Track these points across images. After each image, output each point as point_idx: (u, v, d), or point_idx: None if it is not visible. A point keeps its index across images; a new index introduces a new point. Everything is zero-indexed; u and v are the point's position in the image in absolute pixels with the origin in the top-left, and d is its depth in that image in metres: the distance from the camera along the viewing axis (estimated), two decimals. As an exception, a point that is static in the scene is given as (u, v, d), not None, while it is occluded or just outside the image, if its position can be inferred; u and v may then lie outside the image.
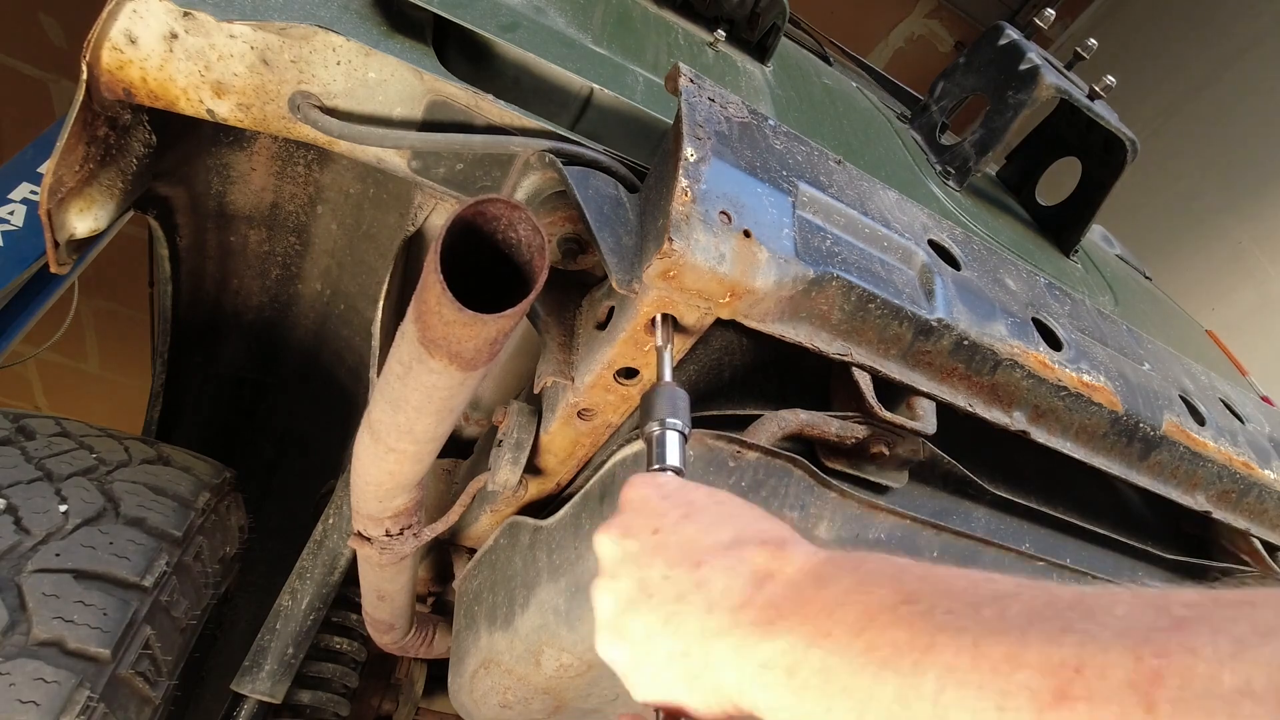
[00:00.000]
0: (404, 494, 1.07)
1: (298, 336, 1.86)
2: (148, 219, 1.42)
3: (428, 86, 0.91)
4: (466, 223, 0.66)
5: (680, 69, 0.83)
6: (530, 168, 0.94)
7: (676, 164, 0.74)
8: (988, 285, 0.96)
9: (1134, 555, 1.21)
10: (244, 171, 1.40)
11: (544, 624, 1.04)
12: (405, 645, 1.58)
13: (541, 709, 1.22)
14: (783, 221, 0.79)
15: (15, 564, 1.12)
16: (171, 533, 1.29)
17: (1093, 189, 1.78)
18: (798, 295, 0.79)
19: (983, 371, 0.92)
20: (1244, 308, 4.22)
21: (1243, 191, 4.44)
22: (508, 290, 0.69)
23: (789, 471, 0.85)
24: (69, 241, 1.03)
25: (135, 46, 0.86)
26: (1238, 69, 4.69)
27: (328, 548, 1.59)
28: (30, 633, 1.07)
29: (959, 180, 1.65)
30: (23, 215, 2.09)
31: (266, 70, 0.88)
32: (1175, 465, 1.10)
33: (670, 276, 0.73)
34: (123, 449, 1.42)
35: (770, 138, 0.87)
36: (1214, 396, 1.24)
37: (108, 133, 0.97)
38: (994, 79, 1.63)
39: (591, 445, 1.03)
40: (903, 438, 0.90)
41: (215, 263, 1.65)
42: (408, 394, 0.81)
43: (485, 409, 1.38)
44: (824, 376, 0.95)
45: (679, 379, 0.97)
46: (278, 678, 1.54)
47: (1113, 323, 1.17)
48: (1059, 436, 1.01)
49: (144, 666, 1.19)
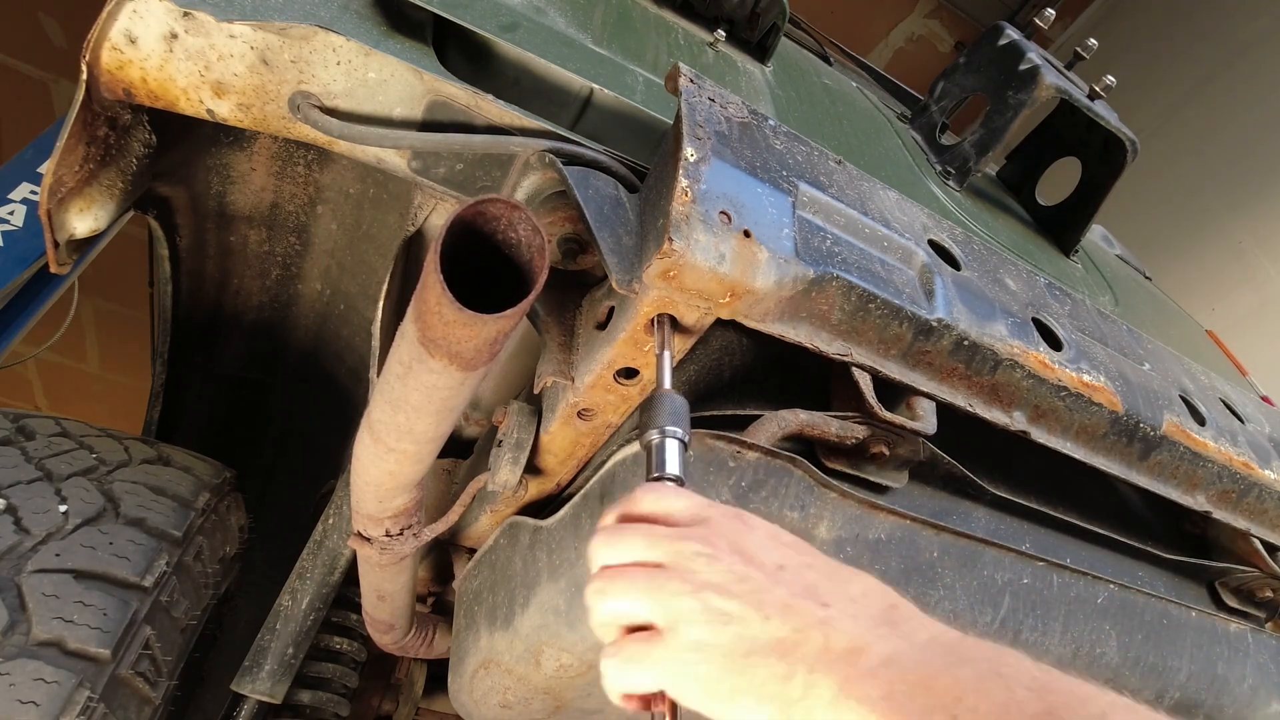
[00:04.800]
0: (404, 494, 1.06)
1: (298, 336, 1.86)
2: (148, 219, 1.42)
3: (428, 86, 0.91)
4: (466, 223, 0.66)
5: (680, 69, 0.83)
6: (530, 168, 0.94)
7: (676, 164, 0.74)
8: (988, 285, 0.96)
9: (1134, 555, 1.21)
10: (244, 171, 1.40)
11: (544, 624, 1.04)
12: (405, 645, 1.58)
13: (541, 709, 1.22)
14: (783, 221, 0.79)
15: (15, 564, 1.12)
16: (171, 533, 1.29)
17: (1093, 189, 1.78)
18: (798, 295, 0.79)
19: (983, 371, 0.92)
20: (1244, 308, 4.22)
21: (1243, 191, 4.43)
22: (508, 290, 0.69)
23: (789, 471, 0.85)
24: (69, 241, 1.03)
25: (135, 46, 0.85)
26: (1238, 69, 4.69)
27: (328, 548, 1.59)
28: (30, 633, 1.07)
29: (959, 180, 1.65)
30: (23, 215, 2.09)
31: (266, 70, 0.88)
32: (1175, 465, 1.10)
33: (670, 276, 0.73)
34: (123, 449, 1.42)
35: (770, 138, 0.87)
36: (1214, 396, 1.24)
37: (108, 133, 0.97)
38: (994, 79, 1.63)
39: (591, 445, 1.03)
40: (903, 438, 0.90)
41: (215, 263, 1.65)
42: (408, 394, 0.81)
43: (485, 409, 1.38)
44: (824, 376, 0.95)
45: (679, 379, 0.97)
46: (278, 678, 1.54)
47: (1113, 323, 1.17)
48: (1059, 436, 1.01)
49: (144, 666, 1.19)
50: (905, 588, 0.93)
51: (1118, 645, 1.09)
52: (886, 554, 0.91)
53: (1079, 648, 1.06)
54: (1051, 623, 1.03)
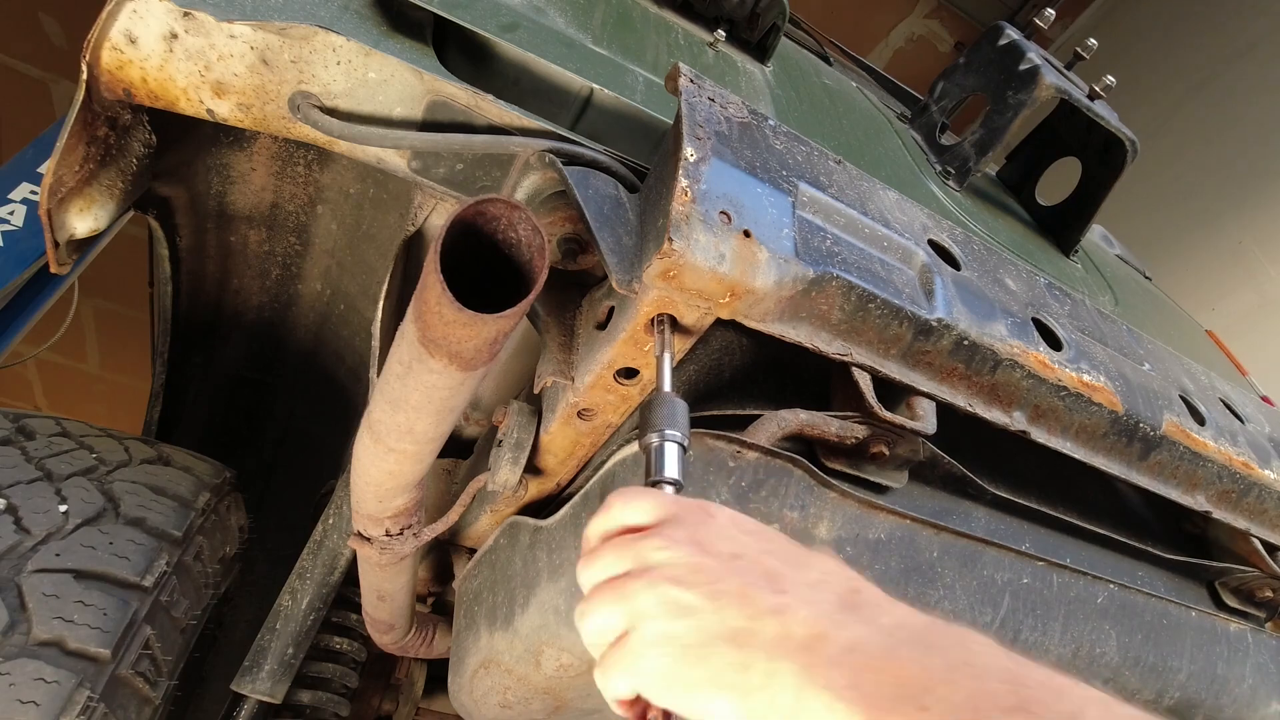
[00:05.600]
0: (404, 494, 1.07)
1: (298, 336, 1.86)
2: (148, 219, 1.42)
3: (428, 86, 0.91)
4: (466, 223, 0.66)
5: (680, 69, 0.83)
6: (530, 168, 0.94)
7: (676, 164, 0.74)
8: (988, 285, 0.96)
9: (1134, 555, 1.21)
10: (244, 171, 1.40)
11: (544, 624, 1.04)
12: (405, 645, 1.58)
13: (541, 709, 1.22)
14: (783, 221, 0.79)
15: (15, 564, 1.12)
16: (171, 533, 1.29)
17: (1093, 189, 1.78)
18: (798, 295, 0.79)
19: (983, 371, 0.92)
20: (1244, 308, 4.22)
21: (1243, 191, 4.43)
22: (508, 290, 0.69)
23: (789, 471, 0.85)
24: (69, 241, 1.03)
25: (135, 46, 0.85)
26: (1238, 69, 4.69)
27: (328, 548, 1.59)
28: (30, 633, 1.07)
29: (959, 180, 1.65)
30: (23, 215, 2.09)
31: (266, 70, 0.88)
32: (1175, 465, 1.10)
33: (670, 276, 0.73)
34: (123, 449, 1.42)
35: (770, 138, 0.87)
36: (1214, 396, 1.24)
37: (108, 133, 0.97)
38: (994, 79, 1.63)
39: (591, 445, 1.03)
40: (903, 438, 0.90)
41: (215, 263, 1.65)
42: (408, 394, 0.81)
43: (485, 409, 1.38)
44: (824, 376, 0.95)
45: (679, 379, 0.97)
46: (278, 678, 1.54)
47: (1113, 323, 1.17)
48: (1059, 436, 1.01)
49: (144, 666, 1.19)
50: (905, 588, 0.93)
51: (1118, 645, 1.09)
52: (886, 554, 0.91)
53: (1079, 648, 1.06)
54: (1051, 623, 1.03)
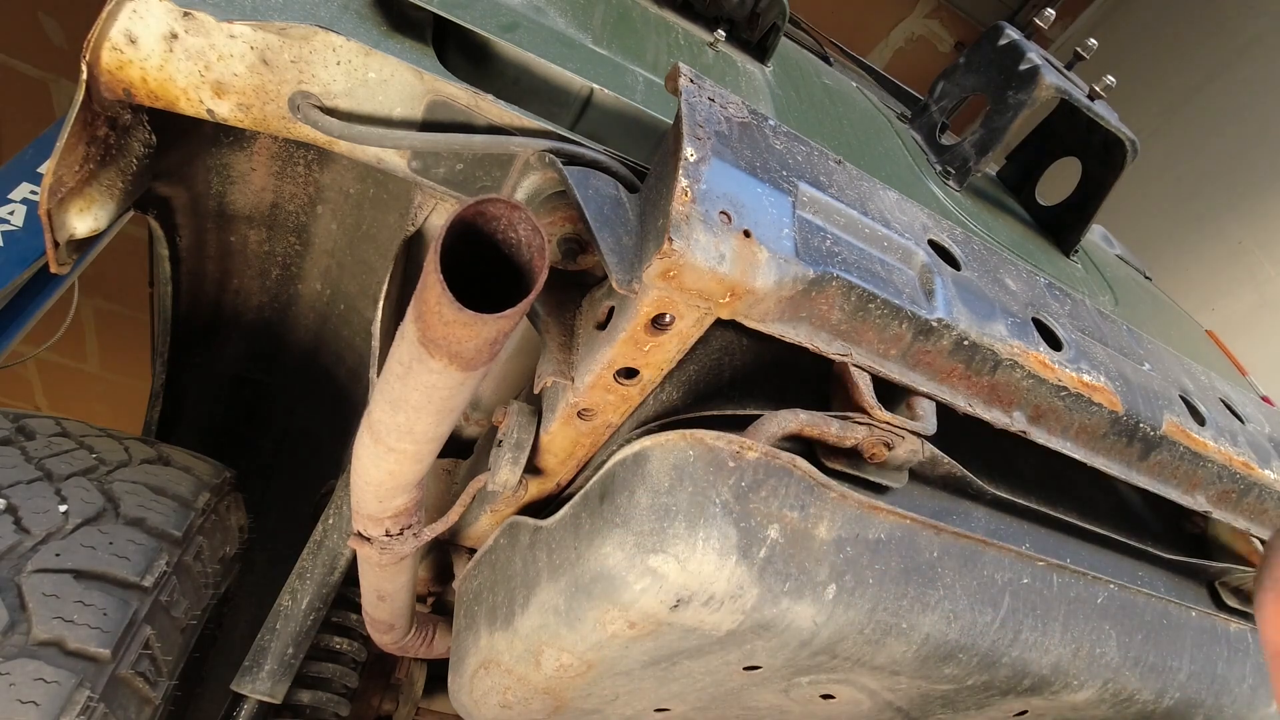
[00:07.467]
0: (404, 494, 1.06)
1: (298, 336, 1.86)
2: (148, 219, 1.42)
3: (428, 86, 0.91)
4: (466, 223, 0.66)
5: (680, 69, 0.83)
6: (530, 168, 0.94)
7: (676, 164, 0.74)
8: (988, 285, 0.96)
9: (1134, 555, 1.21)
10: (244, 172, 1.40)
11: (544, 624, 1.04)
12: (405, 645, 1.58)
13: (541, 709, 1.22)
14: (783, 221, 0.79)
15: (15, 564, 1.12)
16: (171, 533, 1.29)
17: (1093, 189, 1.78)
18: (798, 295, 0.79)
19: (983, 371, 0.92)
20: (1244, 308, 4.22)
21: (1243, 191, 4.44)
22: (508, 290, 0.69)
23: (789, 471, 0.85)
24: (69, 241, 1.03)
25: (135, 46, 0.85)
26: (1238, 69, 4.69)
27: (328, 548, 1.59)
28: (30, 633, 1.07)
29: (959, 180, 1.65)
30: (23, 215, 2.09)
31: (266, 70, 0.88)
32: (1175, 465, 1.10)
33: (670, 276, 0.73)
34: (123, 449, 1.42)
35: (770, 138, 0.87)
36: (1214, 396, 1.24)
37: (108, 133, 0.97)
38: (994, 79, 1.63)
39: (591, 445, 1.03)
40: (902, 438, 0.90)
41: (215, 263, 1.65)
42: (408, 394, 0.81)
43: (485, 409, 1.38)
44: (824, 376, 0.95)
45: (679, 378, 0.97)
46: (278, 678, 1.54)
47: (1113, 323, 1.17)
48: (1059, 436, 1.01)
49: (144, 666, 1.19)
50: (905, 588, 0.93)
51: (1118, 645, 1.09)
52: (886, 554, 0.91)
53: (1079, 648, 1.06)
54: (1051, 623, 1.03)
